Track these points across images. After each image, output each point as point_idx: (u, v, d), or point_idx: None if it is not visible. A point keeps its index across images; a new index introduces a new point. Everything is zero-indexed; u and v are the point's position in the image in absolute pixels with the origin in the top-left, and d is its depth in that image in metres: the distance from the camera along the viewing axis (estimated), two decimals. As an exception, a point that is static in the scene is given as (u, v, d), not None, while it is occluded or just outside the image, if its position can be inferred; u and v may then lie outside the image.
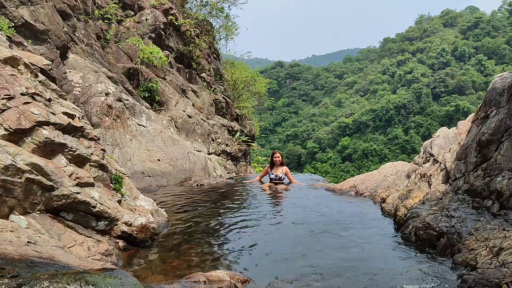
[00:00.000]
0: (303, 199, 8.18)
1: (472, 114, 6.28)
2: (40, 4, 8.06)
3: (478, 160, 5.04)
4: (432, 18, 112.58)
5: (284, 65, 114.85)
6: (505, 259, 3.58)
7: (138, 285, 2.19)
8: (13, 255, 2.58)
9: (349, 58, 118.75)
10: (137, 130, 9.74)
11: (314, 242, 5.17)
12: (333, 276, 4.02)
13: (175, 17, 14.84)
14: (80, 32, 10.14)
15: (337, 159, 70.55)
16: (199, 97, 14.98)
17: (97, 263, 3.67)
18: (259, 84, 24.82)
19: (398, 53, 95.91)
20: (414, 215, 5.51)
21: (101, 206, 4.33)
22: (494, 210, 4.43)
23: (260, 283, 3.71)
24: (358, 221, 6.29)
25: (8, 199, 3.44)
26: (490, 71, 76.62)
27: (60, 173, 4.03)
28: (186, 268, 4.10)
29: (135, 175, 8.45)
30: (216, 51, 19.54)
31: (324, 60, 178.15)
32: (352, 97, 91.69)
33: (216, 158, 13.38)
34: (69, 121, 4.54)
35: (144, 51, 11.69)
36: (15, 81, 4.15)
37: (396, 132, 71.20)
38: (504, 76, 5.37)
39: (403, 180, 7.68)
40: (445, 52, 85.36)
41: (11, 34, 6.51)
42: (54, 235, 3.66)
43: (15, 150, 3.67)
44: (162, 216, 5.52)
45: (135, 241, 4.63)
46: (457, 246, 4.35)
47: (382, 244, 5.16)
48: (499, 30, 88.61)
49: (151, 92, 11.98)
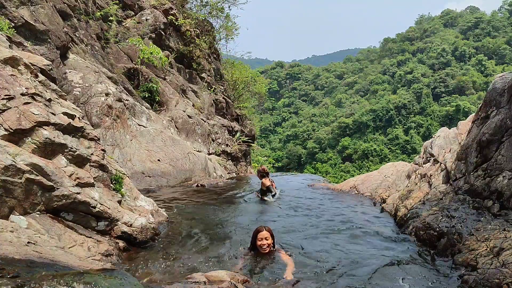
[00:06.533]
0: (303, 200, 8.18)
1: (472, 114, 6.27)
2: (40, 4, 8.06)
3: (479, 160, 5.03)
4: (432, 18, 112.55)
5: (284, 65, 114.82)
6: (506, 259, 3.57)
7: (138, 285, 2.19)
8: (13, 256, 2.57)
9: (349, 58, 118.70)
10: (137, 130, 9.74)
11: (314, 242, 5.17)
12: (333, 275, 4.02)
13: (175, 17, 14.84)
14: (80, 33, 10.14)
15: (338, 159, 70.52)
16: (199, 97, 14.98)
17: (97, 263, 3.66)
18: (259, 84, 24.81)
19: (398, 53, 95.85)
20: (414, 215, 5.51)
21: (101, 207, 4.33)
22: (495, 210, 4.42)
23: (261, 282, 3.71)
24: (358, 221, 6.28)
25: (8, 200, 3.43)
26: (490, 71, 76.55)
27: (60, 174, 4.02)
28: (186, 268, 4.10)
29: (135, 175, 8.44)
30: (216, 51, 19.53)
31: (324, 60, 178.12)
32: (352, 97, 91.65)
33: (216, 158, 13.38)
34: (69, 121, 4.54)
35: (144, 51, 11.69)
36: (15, 81, 4.15)
37: (397, 132, 71.16)
38: (504, 76, 5.37)
39: (404, 180, 7.67)
40: (446, 52, 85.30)
41: (11, 34, 6.51)
42: (54, 235, 3.66)
43: (15, 150, 3.67)
44: (162, 216, 5.51)
45: (135, 241, 4.62)
46: (458, 246, 4.35)
47: (382, 244, 5.15)
48: (500, 30, 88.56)
49: (151, 92, 11.98)
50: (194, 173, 10.30)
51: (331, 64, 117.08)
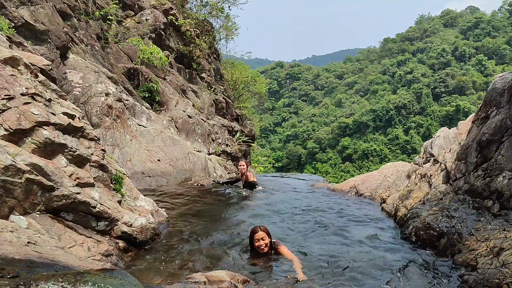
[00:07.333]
0: (303, 200, 8.18)
1: (472, 114, 6.27)
2: (40, 4, 8.06)
3: (479, 160, 5.04)
4: (432, 18, 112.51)
5: (284, 65, 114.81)
6: (506, 259, 3.57)
7: (138, 285, 2.19)
8: (13, 256, 2.57)
9: (349, 58, 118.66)
10: (137, 130, 9.74)
11: (314, 242, 5.17)
12: (333, 276, 4.02)
13: (175, 17, 14.84)
14: (80, 33, 10.14)
15: (338, 160, 70.53)
16: (199, 97, 14.98)
17: (97, 263, 3.66)
18: (259, 84, 24.80)
19: (398, 53, 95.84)
20: (414, 215, 5.51)
21: (101, 207, 4.33)
22: (495, 210, 4.43)
23: (261, 282, 3.71)
24: (358, 221, 6.29)
25: (8, 200, 3.43)
26: (490, 71, 76.53)
27: (60, 174, 4.02)
28: (186, 268, 4.10)
29: (135, 176, 8.44)
30: (216, 51, 19.52)
31: (324, 60, 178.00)
32: (352, 97, 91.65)
33: (216, 158, 13.38)
34: (69, 122, 4.54)
35: (144, 51, 11.68)
36: (15, 82, 4.15)
37: (397, 132, 71.16)
38: (504, 76, 5.37)
39: (404, 180, 7.68)
40: (446, 52, 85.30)
41: (11, 35, 6.51)
42: (54, 235, 3.66)
43: (15, 151, 3.67)
44: (162, 217, 5.51)
45: (135, 241, 4.62)
46: (458, 247, 4.35)
47: (382, 244, 5.15)
48: (500, 30, 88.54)
49: (151, 92, 11.98)
50: (194, 173, 10.30)
51: (331, 64, 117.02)
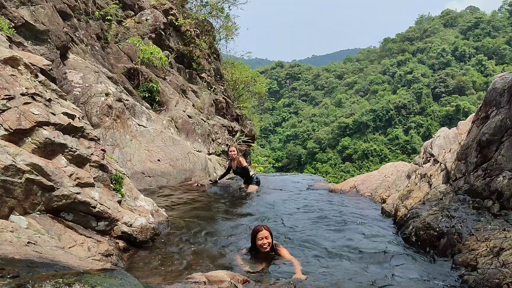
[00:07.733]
0: (302, 200, 8.18)
1: (472, 114, 6.27)
2: (40, 4, 8.06)
3: (479, 160, 5.03)
4: (432, 18, 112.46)
5: (284, 65, 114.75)
6: (506, 259, 3.57)
7: (138, 285, 2.19)
8: (13, 256, 2.57)
9: (349, 58, 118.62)
10: (137, 130, 9.74)
11: (314, 242, 5.17)
12: (333, 276, 4.02)
13: (175, 17, 14.84)
14: (80, 33, 10.14)
15: (338, 160, 70.53)
16: (199, 97, 14.97)
17: (97, 263, 3.67)
18: (259, 84, 24.78)
19: (398, 53, 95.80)
20: (414, 215, 5.51)
21: (101, 207, 4.33)
22: (495, 210, 4.43)
23: (261, 282, 3.71)
24: (358, 221, 6.28)
25: (8, 200, 3.43)
26: (490, 71, 76.49)
27: (60, 174, 4.02)
28: (186, 268, 4.10)
29: (135, 176, 8.44)
30: (216, 51, 19.53)
31: (324, 60, 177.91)
32: (352, 97, 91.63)
33: (216, 159, 13.38)
34: (69, 122, 4.54)
35: (144, 51, 11.68)
36: (15, 82, 4.15)
37: (397, 132, 71.16)
38: (504, 76, 5.37)
39: (404, 180, 7.67)
40: (446, 52, 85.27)
41: (11, 35, 6.51)
42: (54, 235, 3.66)
43: (15, 151, 3.67)
44: (162, 216, 5.51)
45: (135, 241, 4.62)
46: (458, 247, 4.35)
47: (382, 244, 5.15)
48: (500, 30, 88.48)
49: (151, 92, 11.98)
50: (194, 173, 10.30)
51: (331, 64, 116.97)
